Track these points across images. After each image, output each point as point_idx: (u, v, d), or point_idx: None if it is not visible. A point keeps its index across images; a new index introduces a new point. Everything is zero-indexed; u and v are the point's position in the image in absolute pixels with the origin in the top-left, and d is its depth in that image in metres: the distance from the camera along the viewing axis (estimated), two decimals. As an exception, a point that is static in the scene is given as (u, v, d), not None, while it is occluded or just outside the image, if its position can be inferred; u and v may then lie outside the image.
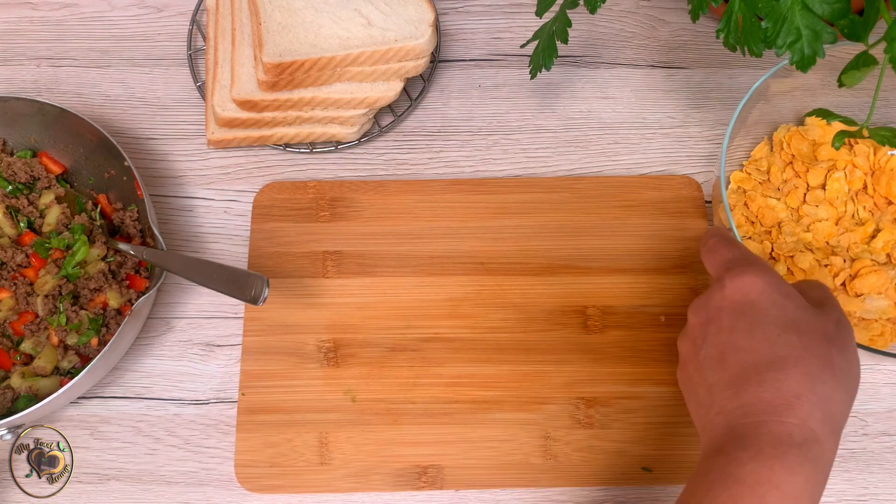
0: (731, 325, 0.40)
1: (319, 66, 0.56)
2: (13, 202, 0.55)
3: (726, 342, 0.40)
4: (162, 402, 0.55)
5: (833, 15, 0.42)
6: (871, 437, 0.53)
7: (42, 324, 0.52)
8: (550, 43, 0.54)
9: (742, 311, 0.40)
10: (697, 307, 0.43)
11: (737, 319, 0.40)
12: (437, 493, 0.52)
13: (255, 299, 0.48)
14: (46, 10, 0.68)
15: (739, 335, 0.40)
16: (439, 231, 0.57)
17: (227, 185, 0.61)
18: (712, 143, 0.62)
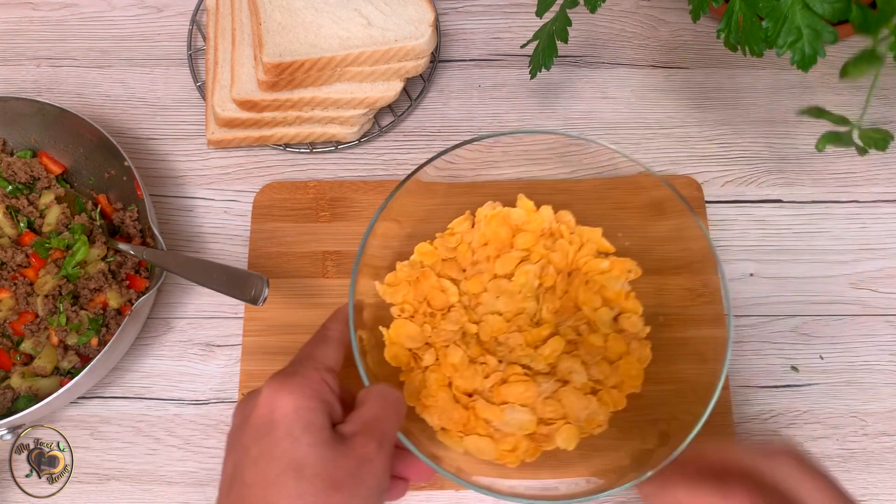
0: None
1: (319, 66, 0.56)
2: (13, 202, 0.55)
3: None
4: (162, 402, 0.55)
5: (834, 14, 0.42)
6: (871, 437, 0.53)
7: (42, 324, 0.52)
8: (550, 43, 0.54)
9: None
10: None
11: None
12: (437, 493, 0.52)
13: (255, 299, 0.48)
14: (46, 10, 0.68)
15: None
16: (439, 231, 0.57)
17: (227, 185, 0.61)
18: (712, 143, 0.62)
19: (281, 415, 0.37)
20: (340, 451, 0.37)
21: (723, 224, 0.59)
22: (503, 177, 0.57)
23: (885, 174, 0.61)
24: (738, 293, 0.57)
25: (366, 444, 0.38)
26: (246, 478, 0.37)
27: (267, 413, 0.38)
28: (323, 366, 0.41)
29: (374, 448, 0.38)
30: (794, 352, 0.56)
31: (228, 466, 0.39)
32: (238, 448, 0.38)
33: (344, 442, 0.38)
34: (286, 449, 0.36)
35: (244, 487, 0.37)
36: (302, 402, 0.38)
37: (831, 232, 0.59)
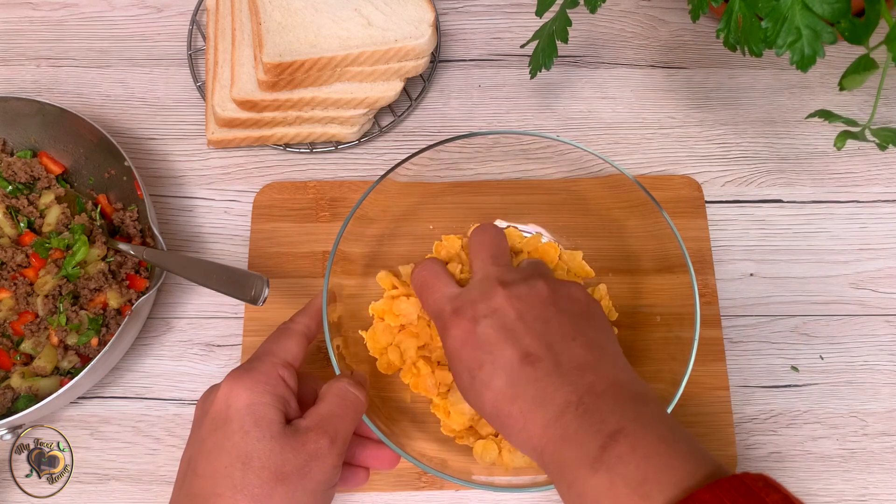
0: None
1: (319, 66, 0.56)
2: (13, 202, 0.55)
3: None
4: (162, 402, 0.55)
5: (833, 15, 0.42)
6: (871, 437, 0.53)
7: (42, 324, 0.52)
8: (550, 43, 0.54)
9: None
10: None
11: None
12: (437, 493, 0.52)
13: (255, 299, 0.48)
14: (46, 10, 0.68)
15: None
16: (440, 232, 0.57)
17: (227, 185, 0.61)
18: (712, 143, 0.62)
19: (235, 409, 0.39)
20: (290, 444, 0.39)
21: (723, 224, 0.59)
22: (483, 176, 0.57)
23: (885, 174, 0.61)
24: (738, 293, 0.57)
25: (318, 439, 0.40)
26: (198, 469, 0.39)
27: (223, 407, 0.39)
28: (281, 361, 0.42)
29: (326, 444, 0.40)
30: (794, 352, 0.56)
31: (186, 456, 0.41)
32: (195, 440, 0.40)
33: (296, 436, 0.39)
34: (236, 442, 0.38)
35: (195, 478, 0.39)
36: (256, 397, 0.40)
37: (831, 232, 0.59)
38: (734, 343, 0.56)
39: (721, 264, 0.58)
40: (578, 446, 0.35)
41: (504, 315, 0.41)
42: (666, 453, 0.34)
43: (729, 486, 0.32)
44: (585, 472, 0.34)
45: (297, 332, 0.45)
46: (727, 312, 0.56)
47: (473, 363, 0.40)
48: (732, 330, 0.56)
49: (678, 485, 0.32)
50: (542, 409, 0.37)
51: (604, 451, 0.34)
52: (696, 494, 0.31)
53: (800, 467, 0.52)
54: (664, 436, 0.35)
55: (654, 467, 0.33)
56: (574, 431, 0.36)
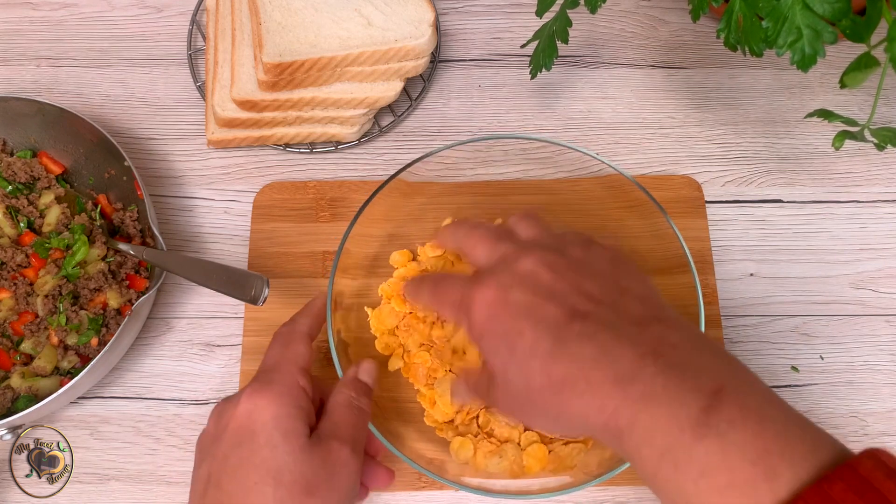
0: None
1: (319, 66, 0.56)
2: (13, 202, 0.55)
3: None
4: (162, 402, 0.55)
5: (834, 14, 0.42)
6: (871, 438, 0.53)
7: (42, 324, 0.52)
8: (550, 43, 0.54)
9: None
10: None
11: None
12: (437, 493, 0.52)
13: (255, 299, 0.48)
14: (46, 10, 0.68)
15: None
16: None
17: (227, 185, 0.61)
18: (712, 143, 0.62)
19: (260, 423, 0.38)
20: (318, 456, 0.38)
21: (723, 224, 0.59)
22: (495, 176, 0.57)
23: (885, 174, 0.61)
24: (738, 293, 0.57)
25: (341, 448, 0.39)
26: (223, 485, 0.37)
27: (246, 422, 0.38)
28: (297, 368, 0.42)
29: (349, 452, 0.39)
30: (794, 352, 0.56)
31: (203, 472, 0.39)
32: (215, 455, 0.39)
33: (321, 447, 0.39)
34: (266, 457, 0.37)
35: (221, 494, 0.37)
36: (281, 409, 0.39)
37: (831, 232, 0.59)
38: (734, 343, 0.56)
39: (721, 264, 0.58)
40: (675, 405, 0.29)
41: (538, 277, 0.35)
42: (782, 421, 0.29)
43: (872, 465, 0.27)
44: (689, 437, 0.28)
45: (302, 335, 0.44)
46: (727, 312, 0.56)
47: (512, 333, 0.33)
48: (732, 330, 0.56)
49: (806, 458, 0.27)
50: (609, 365, 0.31)
51: (709, 412, 0.28)
52: (843, 469, 0.26)
53: (800, 467, 0.52)
54: (770, 398, 0.30)
55: (773, 436, 0.28)
56: (662, 388, 0.30)
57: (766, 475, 0.27)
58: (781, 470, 0.27)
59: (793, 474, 0.27)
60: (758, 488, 0.27)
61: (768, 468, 0.27)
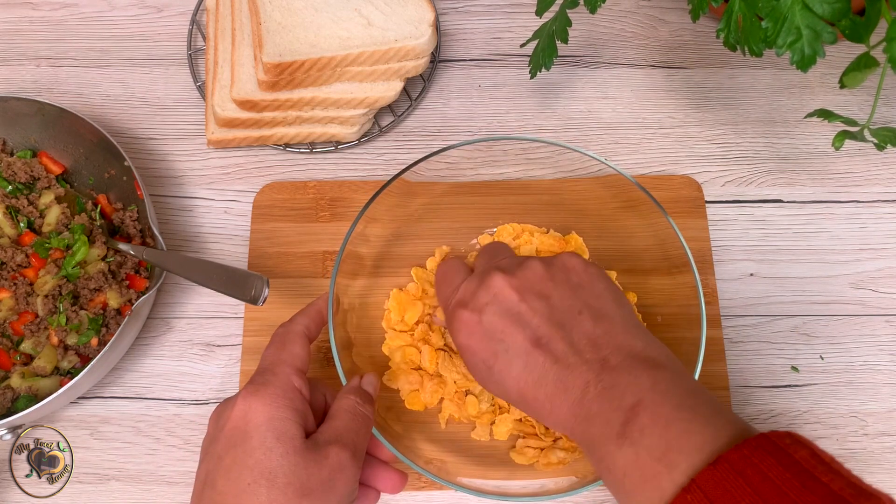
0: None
1: (319, 66, 0.56)
2: (13, 202, 0.55)
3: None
4: (162, 402, 0.55)
5: (833, 15, 0.42)
6: (871, 437, 0.53)
7: (42, 324, 0.52)
8: (550, 43, 0.54)
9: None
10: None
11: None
12: (437, 493, 0.52)
13: (255, 299, 0.48)
14: (46, 10, 0.68)
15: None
16: (440, 232, 0.57)
17: (227, 185, 0.61)
18: (712, 143, 0.62)
19: (254, 425, 0.38)
20: (313, 459, 0.38)
21: (723, 224, 0.59)
22: (496, 177, 0.57)
23: (885, 174, 0.61)
24: (738, 293, 0.57)
25: (340, 452, 0.39)
26: (218, 486, 0.38)
27: (241, 424, 0.39)
28: (293, 370, 0.42)
29: (348, 457, 0.40)
30: (794, 352, 0.56)
31: (201, 473, 0.40)
32: (212, 456, 0.39)
33: (318, 451, 0.39)
34: (259, 459, 0.38)
35: (216, 494, 0.38)
36: (275, 412, 0.39)
37: (831, 232, 0.59)
38: (734, 343, 0.56)
39: (721, 264, 0.58)
40: (603, 424, 0.36)
41: (505, 299, 0.41)
42: (686, 419, 0.34)
43: (756, 444, 0.31)
44: (612, 448, 0.35)
45: (300, 335, 0.45)
46: (727, 312, 0.56)
47: (487, 354, 0.40)
48: (732, 330, 0.56)
49: (702, 449, 0.32)
50: (564, 393, 0.38)
51: (626, 425, 0.35)
52: (724, 456, 0.31)
53: (800, 467, 0.52)
54: (682, 402, 0.35)
55: (676, 435, 0.33)
56: (597, 410, 0.36)
57: (667, 468, 0.33)
58: (679, 462, 0.33)
59: (688, 464, 0.32)
60: (661, 480, 0.33)
61: (669, 462, 0.33)
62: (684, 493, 0.31)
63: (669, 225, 0.51)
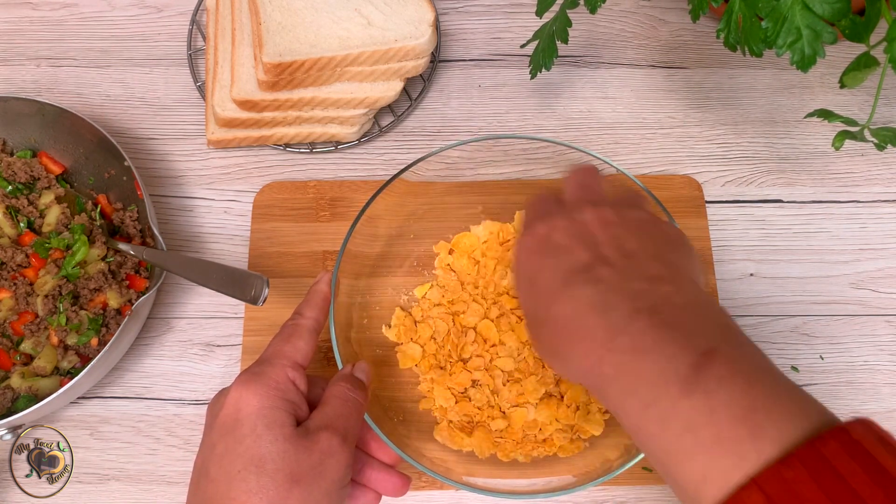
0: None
1: (319, 66, 0.56)
2: (13, 202, 0.55)
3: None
4: (162, 402, 0.55)
5: (833, 15, 0.42)
6: (872, 437, 0.53)
7: (42, 324, 0.52)
8: (550, 43, 0.54)
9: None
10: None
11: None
12: (437, 492, 0.52)
13: (255, 299, 0.48)
14: (46, 10, 0.68)
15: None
16: (439, 232, 0.57)
17: (227, 185, 0.61)
18: (712, 143, 0.62)
19: (245, 414, 0.39)
20: (303, 445, 0.39)
21: (723, 224, 0.59)
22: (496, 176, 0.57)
23: (885, 174, 0.61)
24: (738, 293, 0.57)
25: (330, 437, 0.39)
26: (211, 473, 0.38)
27: (233, 412, 0.39)
28: (290, 363, 0.42)
29: (339, 442, 0.40)
30: (794, 352, 0.56)
31: (197, 462, 0.40)
32: (205, 445, 0.40)
33: (308, 437, 0.39)
34: (249, 446, 0.38)
35: (209, 482, 0.38)
36: (266, 401, 0.39)
37: (831, 232, 0.59)
38: (734, 343, 0.56)
39: (721, 264, 0.58)
40: (663, 360, 0.29)
41: (583, 226, 0.36)
42: (770, 383, 0.28)
43: (863, 430, 0.26)
44: (676, 391, 0.28)
45: (307, 329, 0.45)
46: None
47: (536, 267, 0.36)
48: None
49: (792, 420, 0.27)
50: (604, 315, 0.32)
51: (699, 369, 0.28)
52: (833, 432, 0.26)
53: (800, 467, 0.52)
54: (762, 363, 0.30)
55: (761, 397, 0.28)
56: (652, 342, 0.30)
57: (751, 433, 0.27)
58: (767, 428, 0.27)
59: (778, 433, 0.27)
60: (742, 445, 0.27)
61: (755, 426, 0.27)
62: (781, 466, 0.25)
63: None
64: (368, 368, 0.46)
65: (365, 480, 0.45)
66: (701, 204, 0.59)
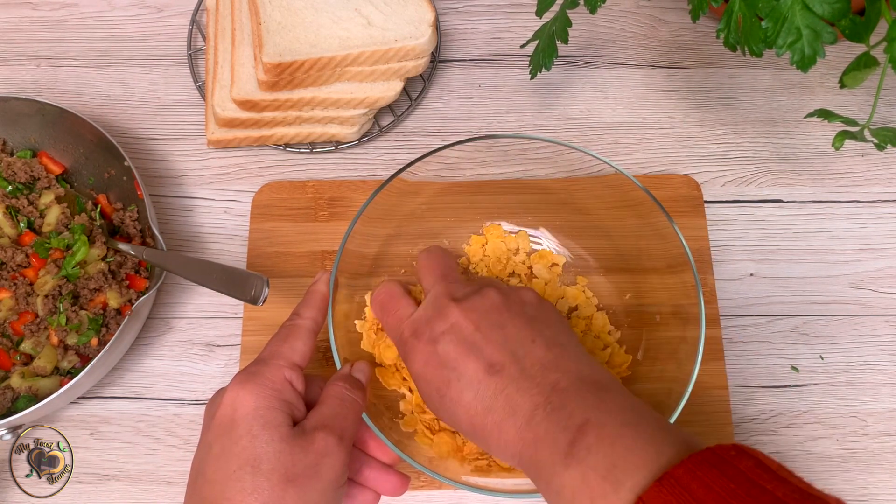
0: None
1: (319, 66, 0.56)
2: (13, 202, 0.55)
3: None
4: (162, 402, 0.55)
5: (833, 15, 0.42)
6: (871, 437, 0.53)
7: (42, 324, 0.52)
8: (550, 43, 0.54)
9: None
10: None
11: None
12: (437, 492, 0.52)
13: (255, 299, 0.48)
14: (46, 10, 0.68)
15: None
16: (439, 232, 0.57)
17: (227, 185, 0.61)
18: (712, 143, 0.62)
19: (241, 414, 0.39)
20: (299, 446, 0.39)
21: (722, 224, 0.59)
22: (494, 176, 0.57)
23: (885, 174, 0.61)
24: (738, 293, 0.57)
25: (326, 437, 0.40)
26: (207, 474, 0.38)
27: (229, 412, 0.39)
28: (287, 363, 0.42)
29: (335, 442, 0.40)
30: (794, 352, 0.56)
31: (195, 463, 0.40)
32: (202, 445, 0.40)
33: (304, 437, 0.39)
34: (245, 446, 0.38)
35: (205, 483, 0.38)
36: (262, 401, 0.39)
37: (831, 232, 0.59)
38: (734, 343, 0.56)
39: (721, 264, 0.58)
40: (550, 445, 0.36)
41: (461, 329, 0.41)
42: (631, 436, 0.34)
43: (701, 458, 0.32)
44: (560, 469, 0.35)
45: (306, 329, 0.45)
46: (727, 312, 0.56)
47: (440, 382, 0.41)
48: (732, 330, 0.56)
49: (647, 466, 0.33)
50: (512, 417, 0.38)
51: (573, 445, 0.35)
52: (669, 472, 0.31)
53: (800, 468, 0.52)
54: (628, 420, 0.36)
55: (622, 452, 0.34)
56: (545, 431, 0.37)
57: (613, 486, 0.33)
58: (624, 479, 0.33)
59: (634, 482, 0.32)
60: (608, 499, 0.33)
61: (615, 480, 0.33)
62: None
63: (669, 224, 0.51)
64: (368, 369, 0.46)
65: (363, 480, 0.45)
66: (699, 204, 0.59)
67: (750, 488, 0.30)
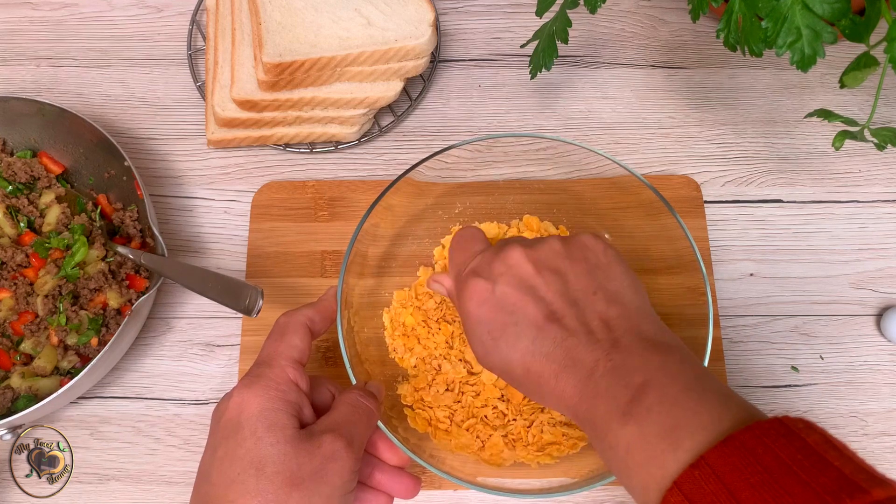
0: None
1: (319, 66, 0.56)
2: (13, 202, 0.55)
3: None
4: (162, 402, 0.55)
5: (833, 15, 0.42)
6: (871, 437, 0.53)
7: (42, 324, 0.52)
8: (550, 43, 0.54)
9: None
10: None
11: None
12: (437, 492, 0.52)
13: (248, 310, 0.48)
14: (46, 10, 0.68)
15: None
16: (438, 232, 0.57)
17: (227, 185, 0.61)
18: (712, 143, 0.62)
19: (246, 416, 0.39)
20: (305, 448, 0.38)
21: (722, 224, 0.59)
22: (497, 176, 0.57)
23: (885, 174, 0.61)
24: (738, 293, 0.57)
25: (334, 441, 0.39)
26: (211, 477, 0.38)
27: (235, 415, 0.39)
28: (289, 362, 0.42)
29: (343, 446, 0.39)
30: (794, 352, 0.56)
31: (201, 466, 0.40)
32: (208, 449, 0.40)
33: (311, 440, 0.39)
34: (249, 448, 0.38)
35: (209, 486, 0.38)
36: (267, 403, 0.39)
37: (831, 232, 0.59)
38: (734, 343, 0.56)
39: (721, 264, 0.58)
40: (609, 401, 0.36)
41: (521, 271, 0.41)
42: (694, 400, 0.34)
43: (768, 426, 0.31)
44: (616, 425, 0.35)
45: (300, 325, 0.44)
46: (727, 312, 0.56)
47: (495, 325, 0.40)
48: (732, 330, 0.56)
49: (708, 429, 0.32)
50: (572, 369, 0.38)
51: (633, 403, 0.35)
52: (734, 435, 0.31)
53: (800, 467, 0.52)
54: (691, 385, 0.35)
55: (683, 414, 0.33)
56: (605, 388, 0.36)
57: (672, 446, 0.33)
58: (684, 439, 0.33)
59: (694, 442, 0.32)
60: (665, 458, 0.33)
61: (674, 440, 0.33)
62: (692, 469, 0.31)
63: (674, 224, 0.51)
64: (381, 388, 0.46)
65: (375, 483, 0.44)
66: (699, 204, 0.59)
67: (816, 461, 0.30)
